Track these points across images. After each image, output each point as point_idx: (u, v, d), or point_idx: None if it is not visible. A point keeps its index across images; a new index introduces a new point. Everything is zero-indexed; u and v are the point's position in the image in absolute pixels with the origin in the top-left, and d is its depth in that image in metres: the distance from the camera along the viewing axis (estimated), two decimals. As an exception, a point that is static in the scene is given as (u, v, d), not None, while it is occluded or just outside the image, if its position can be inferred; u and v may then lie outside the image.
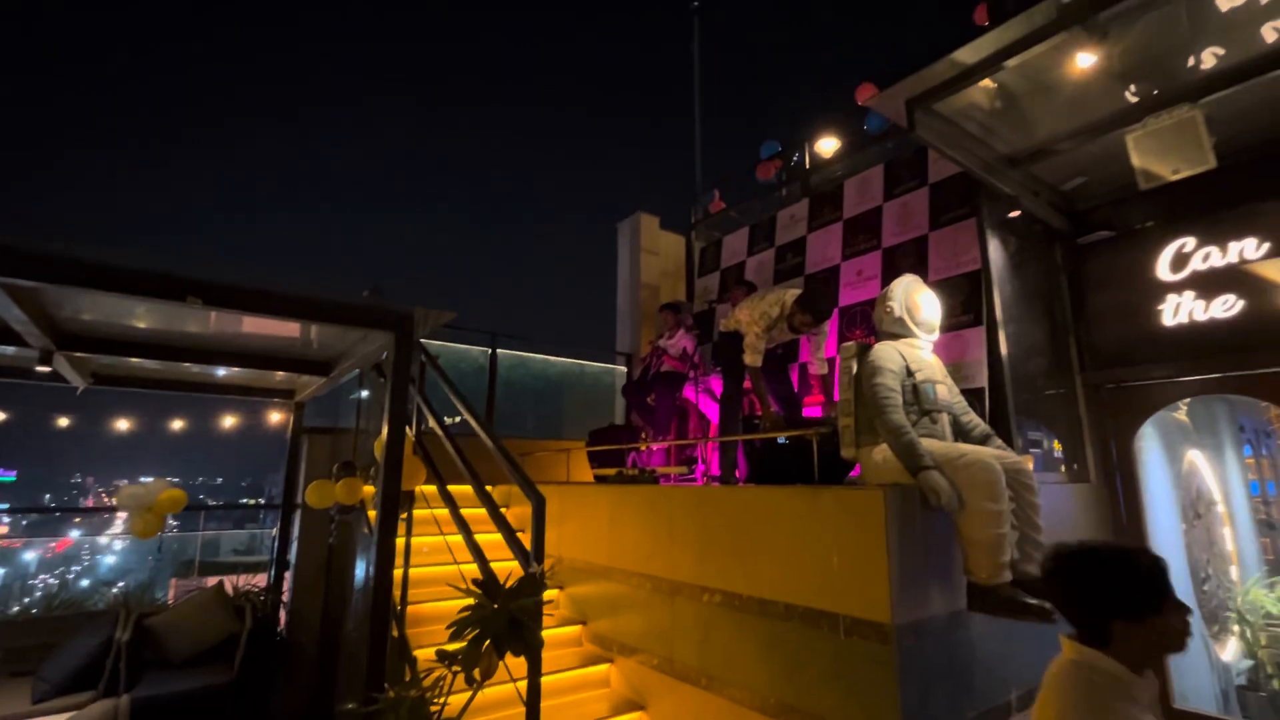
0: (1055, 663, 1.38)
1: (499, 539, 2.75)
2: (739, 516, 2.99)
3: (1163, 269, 3.61)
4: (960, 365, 3.99)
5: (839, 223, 5.24)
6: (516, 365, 6.73)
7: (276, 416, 5.71)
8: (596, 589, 3.86)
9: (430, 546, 3.79)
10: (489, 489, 3.10)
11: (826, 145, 5.71)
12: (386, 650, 2.66)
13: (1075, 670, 1.31)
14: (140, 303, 2.63)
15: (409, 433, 3.61)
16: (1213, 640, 4.39)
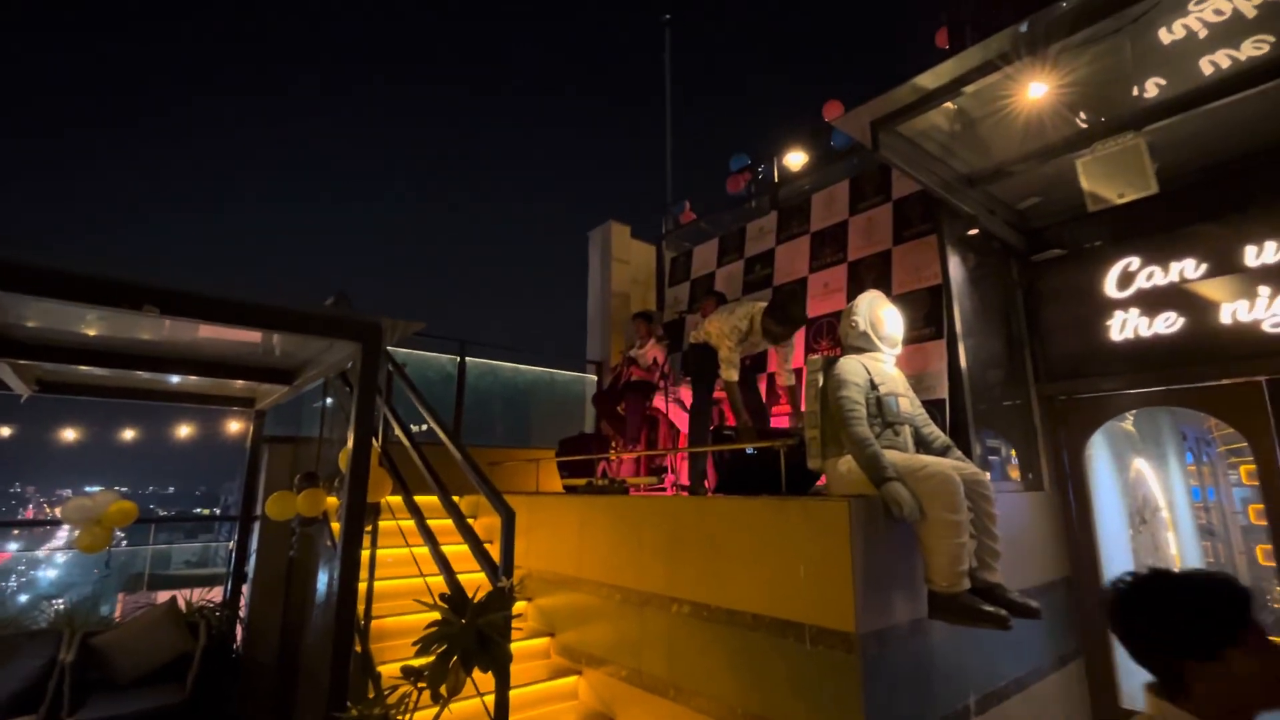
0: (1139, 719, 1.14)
1: (466, 550, 2.72)
2: (707, 527, 3.02)
3: (1110, 286, 3.79)
4: (922, 377, 4.11)
5: (806, 236, 5.35)
6: (486, 373, 6.67)
7: (235, 425, 5.55)
8: (565, 600, 3.84)
9: (396, 559, 3.72)
10: (456, 499, 3.07)
11: (794, 159, 5.83)
12: (349, 667, 2.60)
13: None
14: (92, 310, 2.54)
15: (375, 443, 3.54)
16: (1158, 641, 4.57)
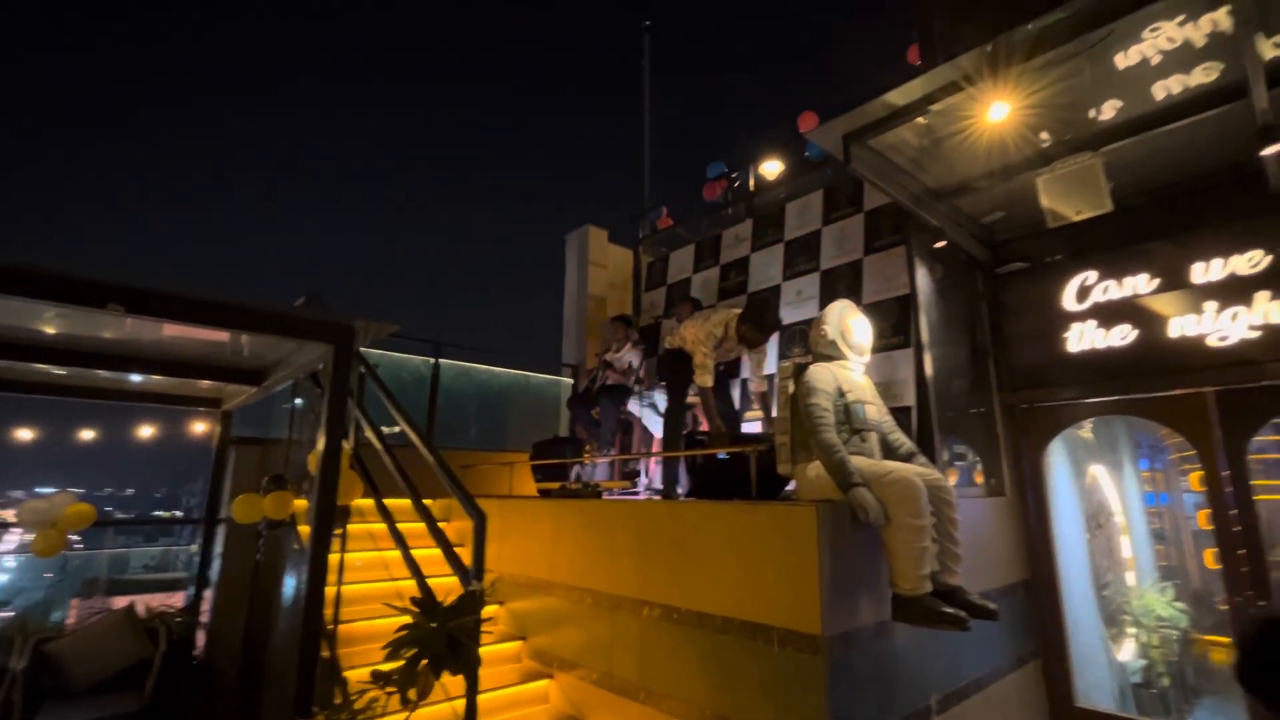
0: None
1: (437, 554, 2.71)
2: (679, 531, 3.06)
3: (1069, 299, 3.93)
4: (891, 384, 4.21)
5: (780, 244, 5.44)
6: (460, 375, 6.62)
7: (199, 426, 5.42)
8: (537, 604, 3.84)
9: (366, 562, 3.68)
10: (428, 503, 3.05)
11: (770, 168, 5.92)
12: (315, 672, 2.56)
13: None
14: (51, 307, 2.47)
15: (346, 445, 3.50)
16: (1111, 641, 4.75)
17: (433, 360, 5.75)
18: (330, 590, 2.96)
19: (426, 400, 5.60)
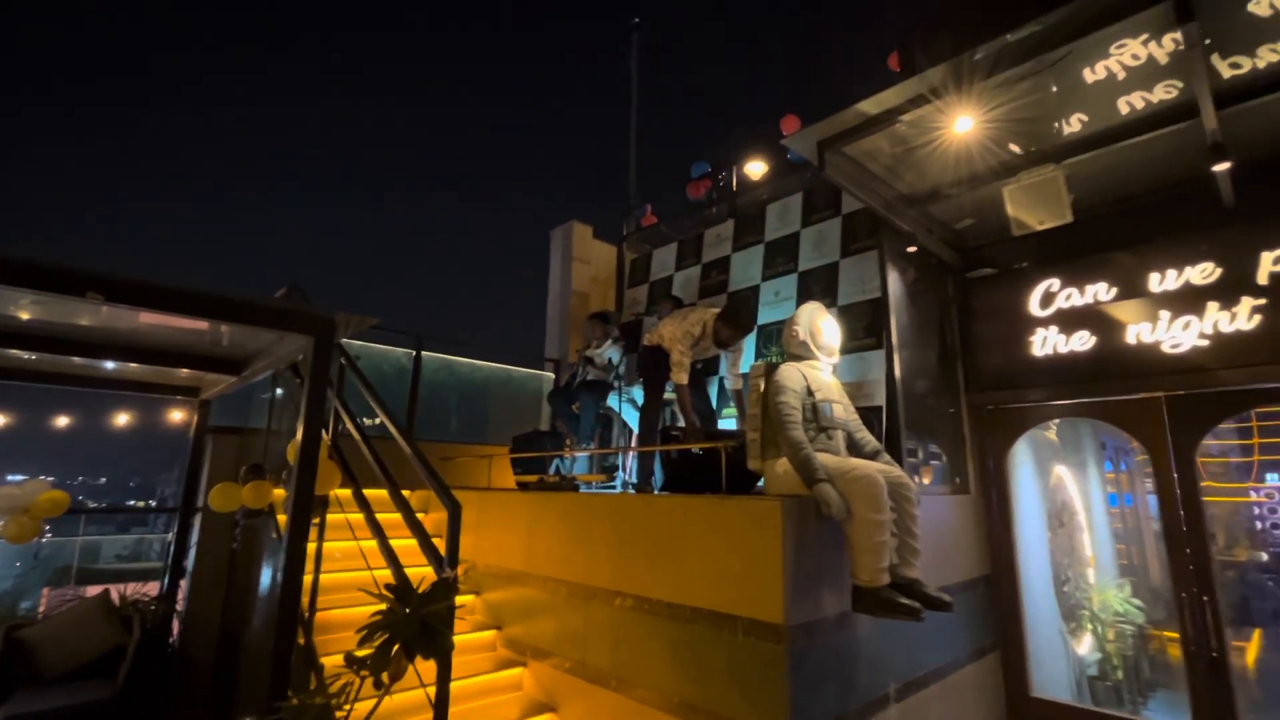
0: None
1: (414, 545, 2.76)
2: (652, 524, 3.14)
3: (1034, 305, 4.07)
4: (863, 384, 4.33)
5: (761, 244, 5.54)
6: (442, 368, 6.64)
7: (176, 414, 5.40)
8: (513, 594, 3.90)
9: (343, 552, 3.72)
10: (406, 494, 3.10)
11: (754, 169, 6.00)
12: (292, 657, 2.61)
13: None
14: (28, 294, 2.48)
15: (324, 436, 3.53)
16: (1070, 636, 4.93)
17: (414, 353, 5.77)
18: (307, 579, 3.00)
19: (407, 393, 5.63)
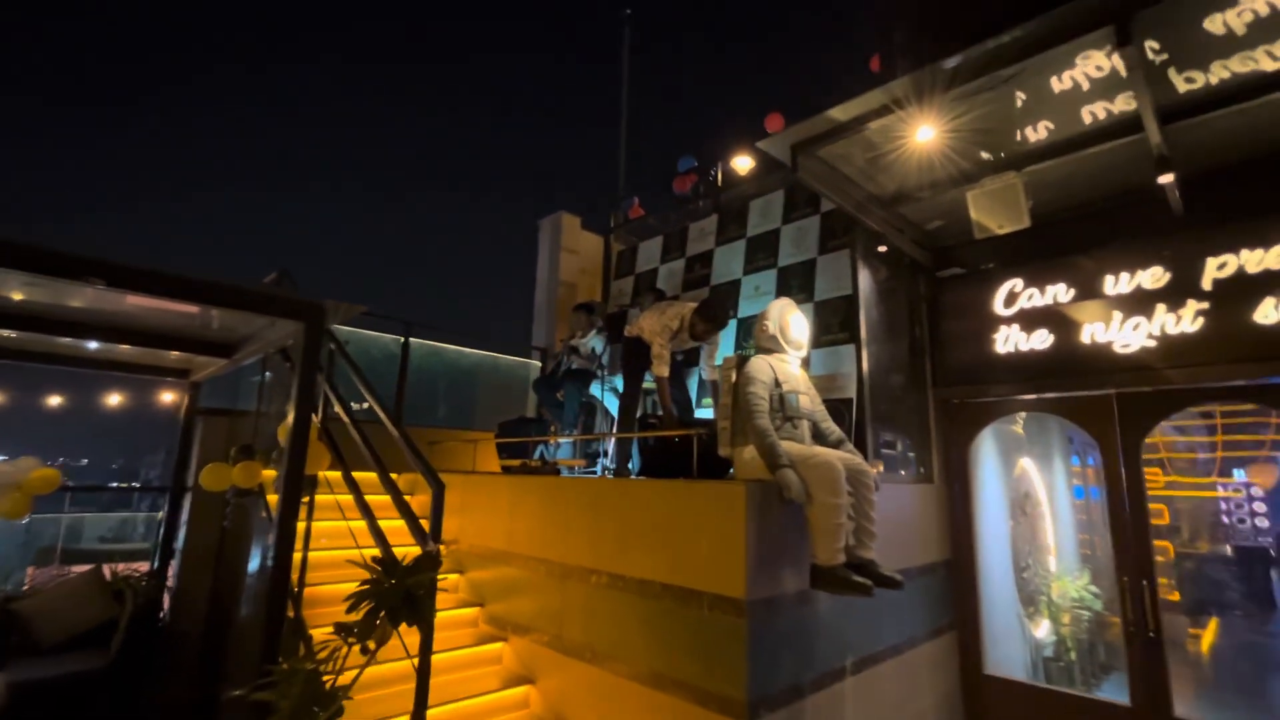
0: None
1: (400, 525, 2.91)
2: (627, 506, 3.31)
3: (999, 304, 4.26)
4: (836, 376, 4.51)
5: (743, 239, 5.69)
6: (430, 355, 6.75)
7: (167, 395, 5.48)
8: (495, 574, 4.07)
9: (331, 531, 3.86)
10: (394, 476, 3.24)
11: (741, 163, 6.12)
12: (283, 627, 2.76)
13: None
14: (27, 277, 2.56)
15: (314, 418, 3.66)
16: (1027, 619, 5.18)
17: (402, 339, 5.88)
18: (296, 555, 3.14)
19: (395, 378, 5.74)
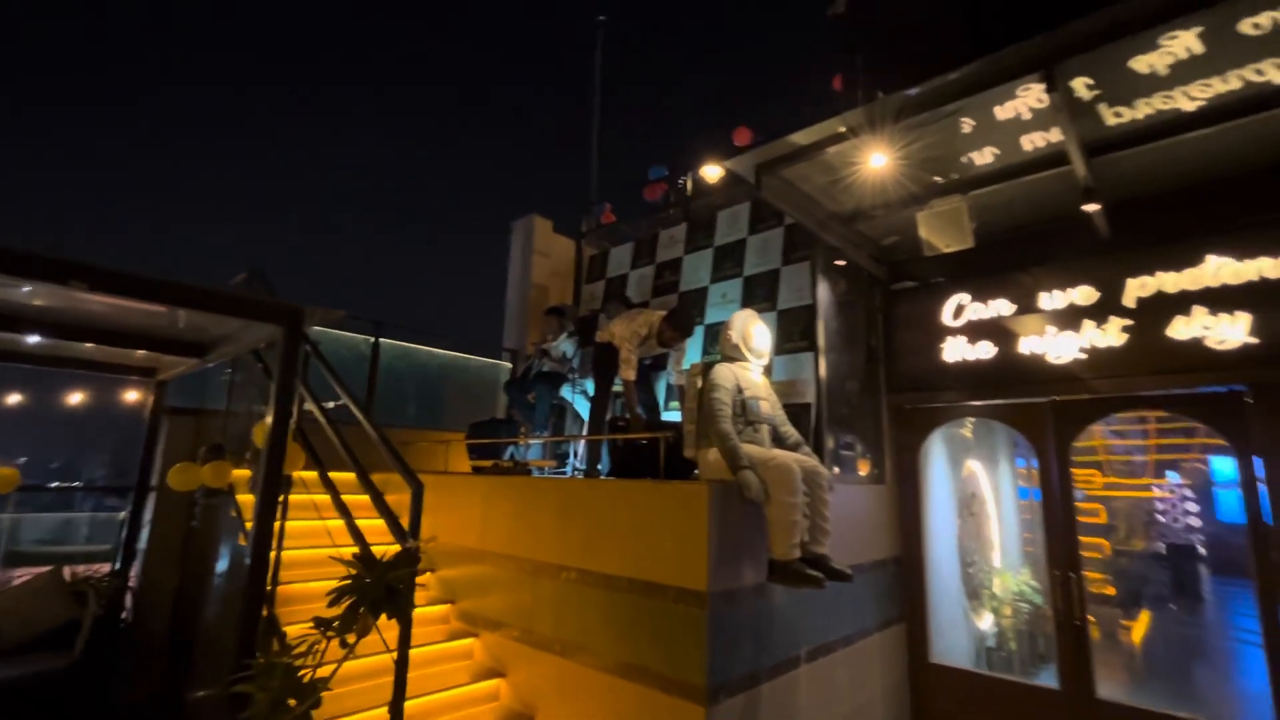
0: None
1: (377, 524, 3.00)
2: (595, 505, 3.47)
3: (947, 316, 4.55)
4: (796, 382, 4.74)
5: (711, 248, 5.90)
6: (401, 355, 6.78)
7: (127, 394, 5.40)
8: (467, 571, 4.17)
9: (306, 530, 3.90)
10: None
11: (711, 172, 6.32)
12: (259, 624, 2.83)
13: None
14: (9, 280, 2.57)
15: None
16: (972, 612, 5.51)
17: (372, 339, 5.90)
18: (270, 554, 3.19)
19: (365, 378, 5.77)
